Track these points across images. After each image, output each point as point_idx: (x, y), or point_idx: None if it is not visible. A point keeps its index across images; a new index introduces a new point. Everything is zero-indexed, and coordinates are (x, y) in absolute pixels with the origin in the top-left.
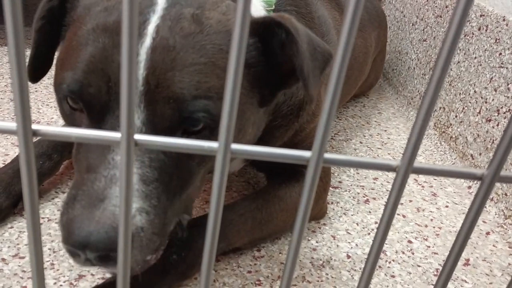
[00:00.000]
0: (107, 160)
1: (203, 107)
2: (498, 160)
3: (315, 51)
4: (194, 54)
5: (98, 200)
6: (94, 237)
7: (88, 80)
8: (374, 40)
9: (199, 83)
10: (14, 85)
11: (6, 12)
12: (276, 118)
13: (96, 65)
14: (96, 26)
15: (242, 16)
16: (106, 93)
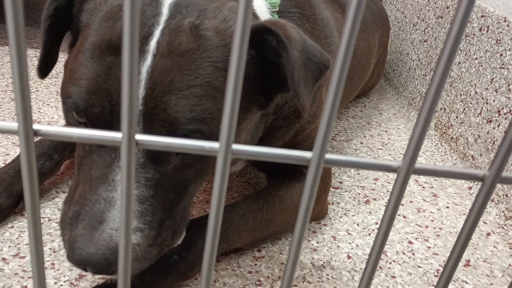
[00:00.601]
0: (108, 181)
1: (197, 129)
2: (500, 161)
3: (309, 60)
4: (190, 76)
5: (98, 222)
6: (92, 258)
7: (93, 101)
8: (377, 41)
9: (194, 106)
10: (15, 84)
11: (7, 11)
12: (277, 119)
13: (101, 85)
14: (102, 41)
15: (242, 25)
16: (109, 113)
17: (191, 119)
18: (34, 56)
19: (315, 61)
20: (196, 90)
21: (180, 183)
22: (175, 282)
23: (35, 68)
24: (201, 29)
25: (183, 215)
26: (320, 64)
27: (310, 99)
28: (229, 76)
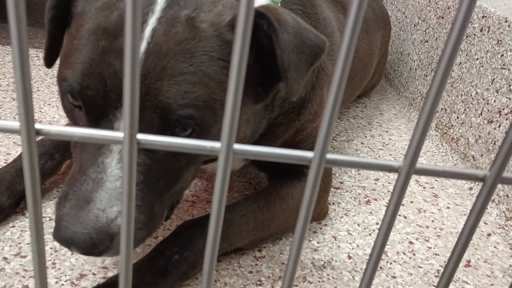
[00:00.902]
0: (97, 163)
1: (189, 116)
2: (500, 162)
3: (303, 43)
4: (184, 63)
5: (85, 202)
6: (77, 237)
7: (87, 83)
8: (379, 41)
9: (186, 93)
10: (17, 84)
11: (10, 11)
12: (278, 115)
13: (94, 69)
14: (97, 27)
15: (244, 18)
16: (103, 97)
17: (183, 105)
18: (35, 56)
19: (310, 43)
20: (189, 77)
21: (171, 170)
22: (176, 282)
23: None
24: (196, 21)
25: (175, 197)
26: (315, 47)
27: (302, 84)
28: (230, 75)
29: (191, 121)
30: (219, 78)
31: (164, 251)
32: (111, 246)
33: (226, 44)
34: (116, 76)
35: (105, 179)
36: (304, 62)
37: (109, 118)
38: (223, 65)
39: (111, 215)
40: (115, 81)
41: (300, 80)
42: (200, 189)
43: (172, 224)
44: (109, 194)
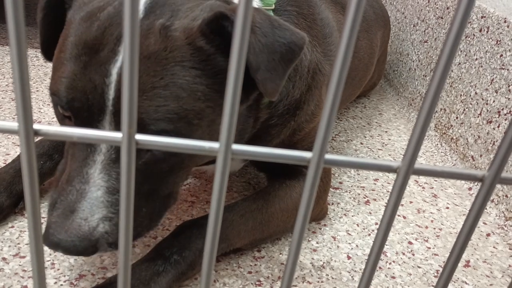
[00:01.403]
0: (82, 174)
1: (162, 129)
2: (499, 162)
3: (274, 42)
4: (155, 77)
5: (69, 212)
6: (63, 243)
7: (72, 96)
8: (379, 40)
9: (158, 107)
10: (15, 84)
11: (8, 11)
12: (272, 116)
13: (77, 83)
14: (79, 40)
15: (242, 29)
16: (87, 109)
17: (155, 120)
18: (34, 56)
19: (283, 42)
20: (160, 91)
21: (154, 176)
22: (174, 282)
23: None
24: (170, 30)
25: (165, 201)
26: (291, 45)
27: (280, 84)
28: (228, 77)
29: (166, 135)
30: (192, 87)
31: (163, 251)
32: (96, 248)
33: (198, 52)
34: (96, 90)
35: (88, 190)
36: (278, 62)
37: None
38: (196, 74)
39: (92, 223)
40: (95, 96)
41: (277, 79)
42: (199, 189)
43: (171, 225)
44: (91, 204)
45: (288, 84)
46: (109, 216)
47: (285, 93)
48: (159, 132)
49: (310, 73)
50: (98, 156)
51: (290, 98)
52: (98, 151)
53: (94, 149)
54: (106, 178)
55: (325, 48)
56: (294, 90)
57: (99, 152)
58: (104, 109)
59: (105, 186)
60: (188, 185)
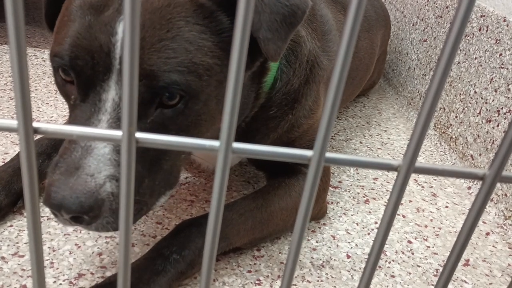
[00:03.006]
0: None
1: (173, 81)
2: (500, 160)
3: (277, 2)
4: (162, 30)
5: (74, 168)
6: (67, 201)
7: (75, 54)
8: (380, 39)
9: (167, 59)
10: (15, 82)
11: (8, 10)
12: (271, 106)
13: (82, 42)
14: (84, 3)
15: (243, 22)
16: (91, 68)
17: (166, 71)
18: (33, 55)
19: (286, 3)
20: (168, 43)
21: (148, 157)
22: (174, 281)
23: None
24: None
25: (166, 177)
26: (294, 7)
27: (282, 47)
28: (229, 72)
29: (177, 87)
30: (198, 42)
31: (163, 250)
32: (99, 214)
33: (200, 9)
34: (101, 49)
35: (94, 146)
36: (280, 23)
37: (97, 90)
38: (201, 30)
39: (99, 180)
40: (101, 54)
41: (278, 42)
42: (198, 188)
43: (170, 224)
44: (98, 160)
45: (289, 70)
46: (116, 176)
47: (286, 79)
48: (170, 85)
49: (309, 64)
50: (103, 115)
51: (289, 87)
52: (103, 110)
53: (98, 108)
54: None
55: (323, 44)
56: (294, 78)
57: (104, 111)
58: (110, 67)
59: (112, 144)
60: (188, 184)
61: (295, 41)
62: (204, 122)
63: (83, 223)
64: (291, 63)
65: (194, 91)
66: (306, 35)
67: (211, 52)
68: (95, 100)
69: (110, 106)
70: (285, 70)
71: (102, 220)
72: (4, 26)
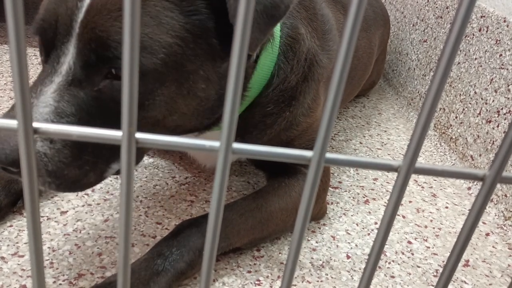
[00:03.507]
0: (36, 89)
1: (121, 53)
2: (500, 161)
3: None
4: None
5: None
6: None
7: (43, 17)
8: (378, 39)
9: (120, 29)
10: (15, 82)
11: (8, 10)
12: (268, 103)
13: (52, 5)
14: None
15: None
16: (54, 30)
17: (114, 41)
18: (33, 55)
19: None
20: None
21: (110, 112)
22: (174, 282)
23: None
24: None
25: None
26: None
27: (259, 39)
28: (229, 74)
29: None
30: (161, 19)
31: (162, 250)
32: None
33: None
34: (66, 12)
35: (35, 104)
36: (261, 13)
37: (57, 52)
38: (167, 7)
39: None
40: (64, 17)
41: (256, 32)
42: (198, 188)
43: (170, 224)
44: (35, 117)
45: (286, 67)
46: (50, 139)
47: (283, 76)
48: (117, 57)
49: (307, 62)
50: (56, 77)
51: (287, 84)
52: (58, 72)
53: (54, 70)
54: (58, 98)
55: (323, 43)
56: (291, 75)
57: (59, 74)
58: (70, 31)
59: (54, 105)
60: (188, 185)
61: (294, 37)
62: (164, 104)
63: (16, 175)
64: (289, 59)
65: (145, 67)
66: (306, 33)
67: (174, 31)
68: (54, 62)
69: (64, 69)
70: (283, 67)
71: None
72: (4, 26)
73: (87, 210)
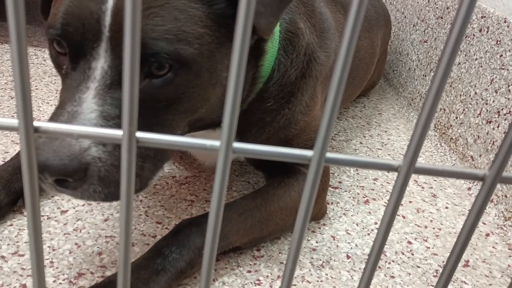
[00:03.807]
0: (74, 98)
1: (160, 49)
2: (500, 161)
3: None
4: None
5: None
6: (50, 162)
7: (66, 21)
8: (380, 40)
9: (155, 26)
10: (16, 80)
11: (9, 9)
12: (268, 98)
13: (73, 10)
14: None
15: (243, 28)
16: (81, 35)
17: (154, 39)
18: (33, 54)
19: None
20: (157, 10)
21: (149, 110)
22: (173, 281)
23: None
24: None
25: (161, 151)
26: None
27: (273, 22)
28: (230, 72)
29: (165, 56)
30: (188, 11)
31: (162, 250)
32: (85, 178)
33: None
34: (92, 17)
35: (80, 111)
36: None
37: (87, 58)
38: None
39: (84, 144)
40: (91, 22)
41: (270, 17)
42: (198, 188)
43: (170, 223)
44: (83, 124)
45: (286, 61)
46: (104, 143)
47: (283, 70)
48: (158, 53)
49: (306, 57)
50: (91, 83)
51: (286, 78)
52: (92, 78)
53: (87, 76)
54: (101, 102)
55: (321, 41)
56: (291, 70)
57: (93, 79)
58: (100, 35)
59: (99, 110)
60: (188, 184)
61: (293, 32)
62: (196, 95)
63: (69, 188)
64: (288, 53)
65: (184, 59)
66: (305, 28)
67: (202, 21)
68: (85, 68)
69: (99, 74)
70: (283, 61)
71: (89, 187)
72: (5, 25)
73: (87, 209)
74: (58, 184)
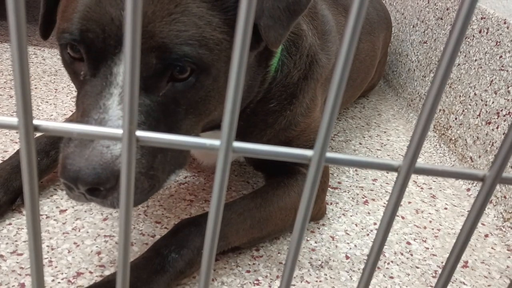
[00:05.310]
0: (99, 105)
1: (185, 54)
2: (500, 161)
3: None
4: (170, 5)
5: (89, 141)
6: (83, 171)
7: (86, 27)
8: (381, 42)
9: (179, 32)
10: (16, 79)
11: (9, 8)
12: (271, 99)
13: (92, 15)
14: None
15: (244, 23)
16: (102, 41)
17: (178, 44)
18: (33, 54)
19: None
20: (178, 16)
21: (171, 114)
22: (173, 281)
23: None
24: None
25: (177, 155)
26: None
27: (283, 34)
28: (230, 73)
29: (188, 60)
30: (207, 18)
31: (161, 249)
32: (116, 187)
33: None
34: (113, 22)
35: (108, 119)
36: (283, 10)
37: (108, 64)
38: (208, 7)
39: (115, 151)
40: (112, 28)
41: (280, 29)
42: (198, 188)
43: (169, 223)
44: None
45: (289, 62)
46: None
47: (286, 71)
48: (182, 57)
49: (309, 58)
50: (115, 89)
51: (289, 79)
52: (114, 84)
53: (110, 82)
54: None
55: (323, 43)
56: (294, 71)
57: (116, 85)
58: (122, 41)
59: None
60: (187, 184)
61: (296, 33)
62: (213, 99)
63: (99, 197)
64: (292, 54)
65: (205, 64)
66: (308, 29)
67: (219, 27)
68: (106, 74)
69: (122, 80)
70: (286, 62)
71: (118, 195)
72: (5, 24)
73: (86, 208)
74: (89, 193)
